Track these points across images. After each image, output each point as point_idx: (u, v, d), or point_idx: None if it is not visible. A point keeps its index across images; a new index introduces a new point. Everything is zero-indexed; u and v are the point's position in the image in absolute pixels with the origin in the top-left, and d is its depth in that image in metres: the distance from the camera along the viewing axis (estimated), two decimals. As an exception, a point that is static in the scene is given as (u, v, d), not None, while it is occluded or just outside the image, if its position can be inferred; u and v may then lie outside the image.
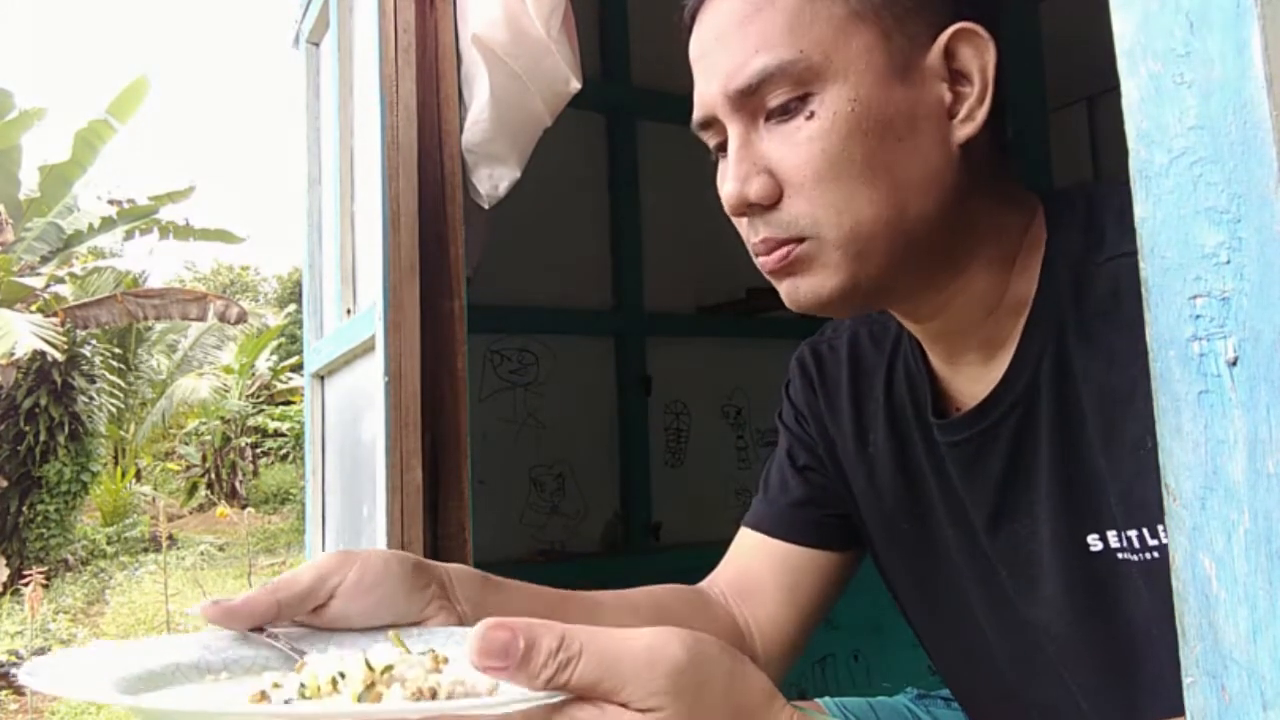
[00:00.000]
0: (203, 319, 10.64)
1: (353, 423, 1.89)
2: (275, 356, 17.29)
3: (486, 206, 1.63)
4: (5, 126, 9.68)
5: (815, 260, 0.63)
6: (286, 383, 16.64)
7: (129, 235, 11.17)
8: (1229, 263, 0.28)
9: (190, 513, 14.49)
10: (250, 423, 15.64)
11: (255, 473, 15.94)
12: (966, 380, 0.72)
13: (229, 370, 15.78)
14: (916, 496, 0.77)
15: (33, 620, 6.05)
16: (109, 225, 10.75)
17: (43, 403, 9.37)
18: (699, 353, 2.91)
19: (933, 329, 0.71)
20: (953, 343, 0.71)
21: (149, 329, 13.49)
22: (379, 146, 1.59)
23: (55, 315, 9.33)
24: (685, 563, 0.86)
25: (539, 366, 2.69)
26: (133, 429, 14.03)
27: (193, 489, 15.02)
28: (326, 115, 2.22)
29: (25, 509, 9.39)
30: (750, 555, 0.88)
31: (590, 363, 2.76)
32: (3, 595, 7.87)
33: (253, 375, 16.38)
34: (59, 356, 8.95)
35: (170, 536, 9.94)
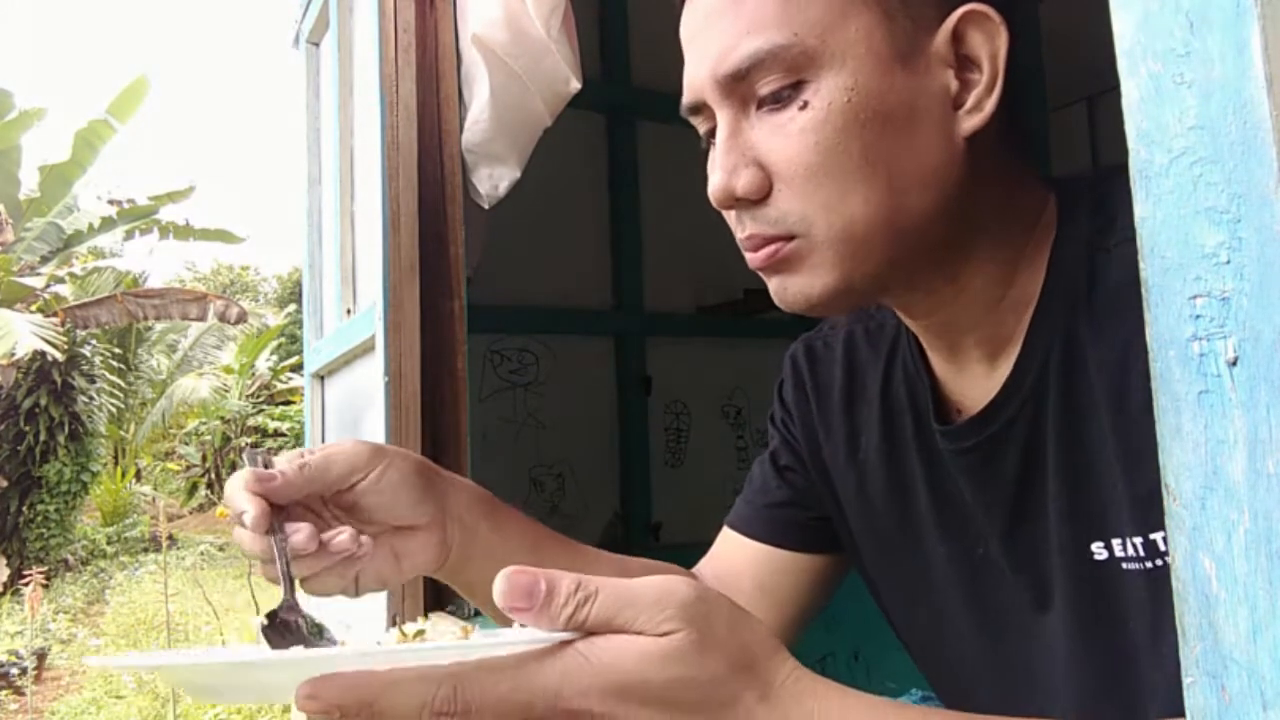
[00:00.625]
0: (203, 319, 10.64)
1: (353, 423, 1.89)
2: (275, 356, 17.30)
3: (486, 206, 1.63)
4: (5, 126, 9.68)
5: (805, 259, 0.59)
6: (286, 383, 16.64)
7: (129, 235, 11.18)
8: (1229, 263, 0.28)
9: (190, 513, 14.50)
10: (250, 423, 15.64)
11: (255, 473, 15.91)
12: (970, 382, 0.67)
13: (229, 370, 15.79)
14: (906, 506, 0.73)
15: (33, 620, 6.05)
16: (109, 225, 10.76)
17: (43, 403, 9.38)
18: (699, 353, 2.91)
19: (932, 325, 0.68)
20: (954, 340, 0.67)
21: (149, 329, 13.50)
22: (379, 146, 1.59)
23: (55, 315, 9.33)
24: (685, 563, 0.85)
25: (539, 366, 2.68)
26: (133, 429, 14.04)
27: (193, 489, 15.03)
28: (326, 115, 2.22)
29: (25, 509, 9.39)
30: (729, 555, 0.86)
31: (590, 363, 2.76)
32: (3, 595, 7.87)
33: (253, 375, 16.38)
34: (59, 356, 8.95)
35: (170, 536, 9.94)
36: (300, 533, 0.62)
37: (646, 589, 0.44)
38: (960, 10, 0.56)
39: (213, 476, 15.20)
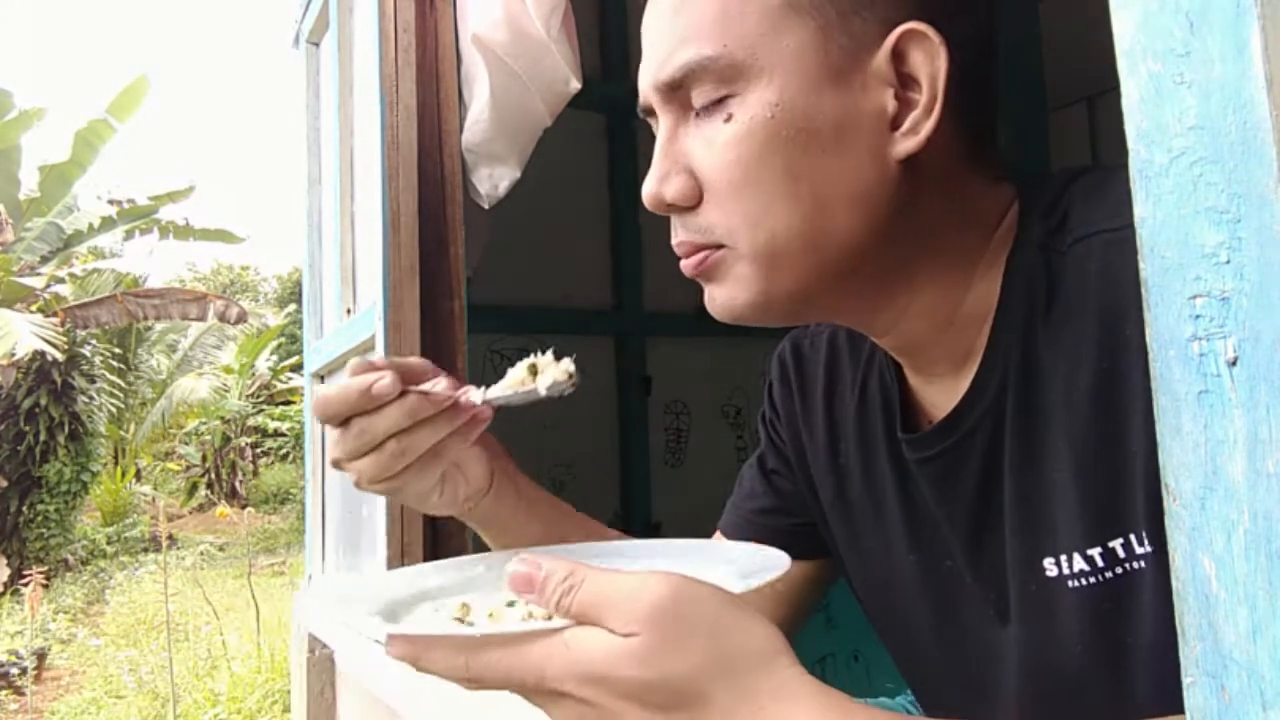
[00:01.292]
0: (203, 319, 10.65)
1: (353, 423, 1.88)
2: (275, 356, 17.30)
3: (486, 206, 1.63)
4: (5, 126, 9.68)
5: (730, 269, 0.59)
6: (286, 383, 16.65)
7: (129, 235, 11.19)
8: (1229, 263, 0.28)
9: (190, 513, 14.50)
10: (250, 423, 15.65)
11: (255, 473, 15.95)
12: (939, 393, 0.66)
13: (229, 370, 15.79)
14: (880, 514, 0.72)
15: (33, 620, 6.06)
16: (109, 225, 10.76)
17: (43, 403, 9.38)
18: (699, 353, 2.91)
19: (890, 344, 0.67)
20: (916, 356, 0.66)
21: (149, 329, 13.50)
22: (379, 146, 1.59)
23: (55, 315, 9.34)
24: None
25: (539, 366, 2.68)
26: (133, 429, 14.04)
27: (193, 489, 15.03)
28: (326, 115, 2.22)
29: (25, 509, 9.40)
30: None
31: (590, 363, 2.76)
32: (3, 595, 7.88)
33: (253, 375, 16.38)
34: (59, 356, 8.95)
35: (170, 536, 9.95)
36: (440, 383, 0.65)
37: (620, 586, 0.44)
38: (900, 29, 0.55)
39: (213, 476, 15.20)
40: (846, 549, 0.77)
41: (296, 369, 15.14)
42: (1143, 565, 0.54)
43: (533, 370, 0.66)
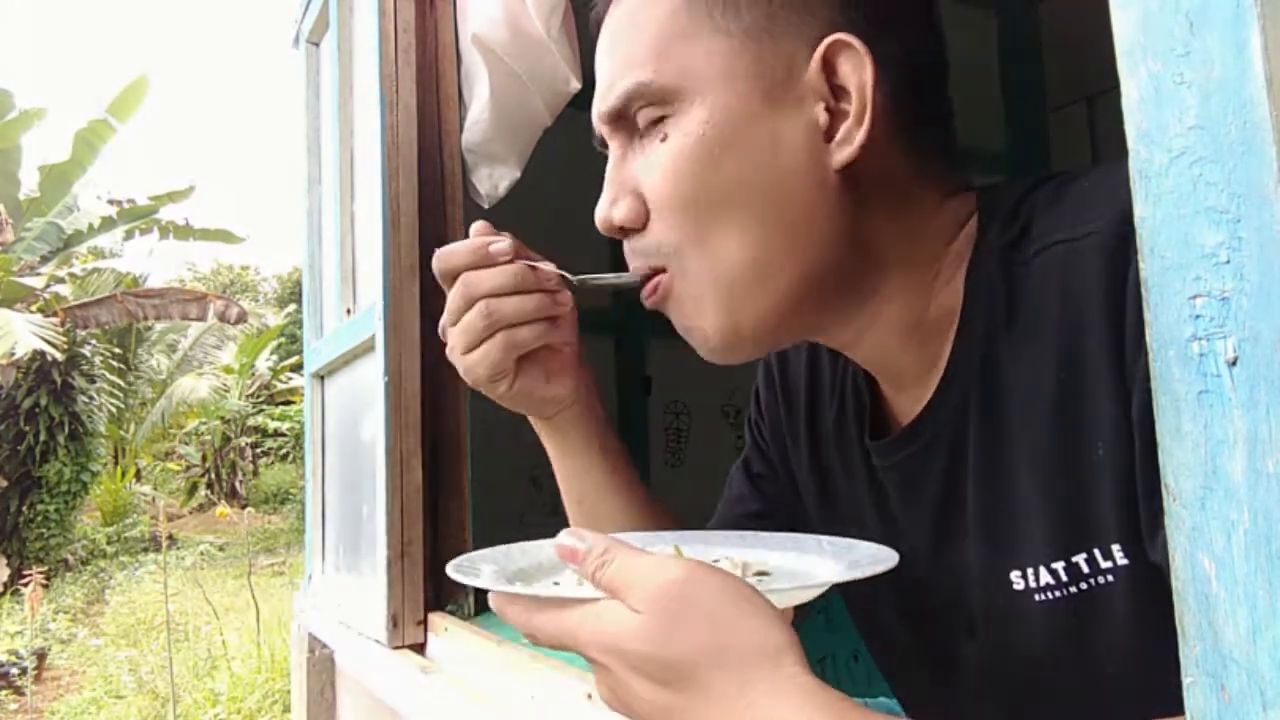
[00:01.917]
0: (203, 319, 10.65)
1: (353, 423, 1.89)
2: (275, 356, 17.31)
3: (486, 206, 1.63)
4: (5, 126, 9.69)
5: (685, 295, 0.60)
6: (286, 383, 16.65)
7: (129, 235, 11.19)
8: (1229, 263, 0.28)
9: (190, 513, 14.51)
10: (250, 423, 15.66)
11: (255, 473, 15.96)
12: (909, 401, 0.66)
13: (229, 370, 15.79)
14: (858, 518, 0.73)
15: (33, 620, 6.06)
16: (109, 225, 10.77)
17: (43, 403, 9.38)
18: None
19: (858, 356, 0.67)
20: (881, 366, 0.67)
21: (149, 329, 13.51)
22: (379, 146, 1.59)
23: (55, 315, 9.34)
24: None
25: (539, 366, 2.68)
26: (133, 429, 14.04)
27: (193, 489, 15.04)
28: (326, 115, 2.22)
29: (25, 509, 9.40)
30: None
31: (590, 362, 2.76)
32: (3, 595, 7.88)
33: (253, 375, 16.39)
34: (59, 356, 8.96)
35: (170, 536, 9.95)
36: (547, 261, 0.71)
37: (640, 566, 0.47)
38: (825, 41, 0.56)
39: (213, 476, 15.20)
40: None
41: (296, 369, 15.14)
42: (1111, 579, 0.53)
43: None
